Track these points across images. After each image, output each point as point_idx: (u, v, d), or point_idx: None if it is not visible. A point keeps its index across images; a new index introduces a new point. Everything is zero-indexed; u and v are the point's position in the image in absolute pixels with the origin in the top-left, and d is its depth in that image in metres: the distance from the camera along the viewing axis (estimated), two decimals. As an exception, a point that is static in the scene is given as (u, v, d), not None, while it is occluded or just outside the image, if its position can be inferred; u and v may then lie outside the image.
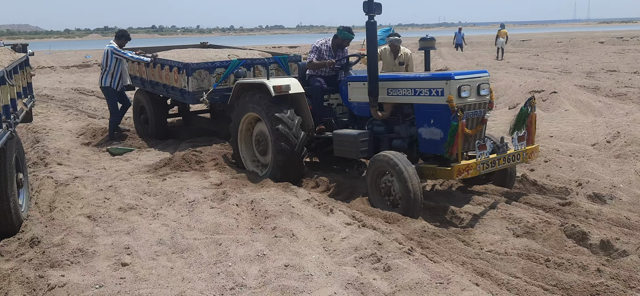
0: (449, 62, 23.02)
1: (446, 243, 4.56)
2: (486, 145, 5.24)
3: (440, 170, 5.29)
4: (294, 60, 8.82)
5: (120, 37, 9.40)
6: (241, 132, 7.03)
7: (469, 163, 5.11)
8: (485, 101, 5.52)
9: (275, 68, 8.52)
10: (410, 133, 5.86)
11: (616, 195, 5.69)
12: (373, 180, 5.47)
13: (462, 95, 5.25)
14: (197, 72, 8.05)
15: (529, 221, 4.94)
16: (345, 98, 6.61)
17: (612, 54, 25.01)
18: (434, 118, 5.45)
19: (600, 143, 7.91)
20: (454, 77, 5.27)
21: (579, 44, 34.32)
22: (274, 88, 6.31)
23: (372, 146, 6.07)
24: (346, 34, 6.86)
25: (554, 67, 19.56)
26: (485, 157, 5.21)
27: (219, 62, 8.32)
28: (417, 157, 5.80)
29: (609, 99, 11.82)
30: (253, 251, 4.27)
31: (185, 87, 8.14)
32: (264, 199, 5.50)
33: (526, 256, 4.25)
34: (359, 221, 4.93)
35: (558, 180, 6.32)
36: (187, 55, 9.00)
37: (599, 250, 4.37)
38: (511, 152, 5.48)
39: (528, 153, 5.61)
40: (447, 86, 5.26)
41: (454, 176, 5.10)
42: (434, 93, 5.40)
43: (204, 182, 6.48)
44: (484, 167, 5.20)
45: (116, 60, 9.15)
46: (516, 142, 5.53)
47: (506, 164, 5.47)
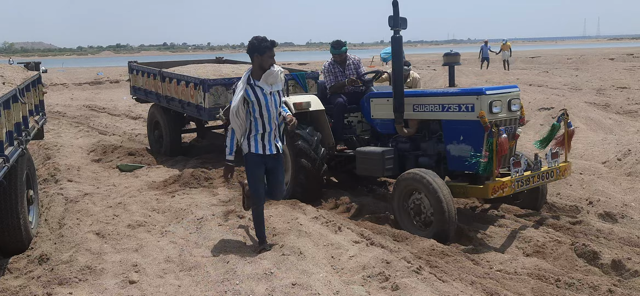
0: (458, 79, 22.97)
1: (455, 262, 4.52)
2: (521, 161, 5.08)
3: (472, 188, 5.15)
4: (312, 77, 8.76)
5: None
6: None
7: (504, 181, 4.93)
8: (516, 117, 5.37)
9: (292, 85, 8.47)
10: (437, 150, 5.71)
11: (627, 214, 5.62)
12: (400, 201, 5.31)
13: (493, 110, 5.11)
14: (214, 88, 8.00)
15: (539, 240, 4.89)
16: (367, 115, 6.48)
17: (622, 70, 24.85)
18: (464, 134, 5.30)
19: (611, 161, 7.85)
20: (486, 93, 5.15)
21: (589, 61, 34.16)
22: (294, 106, 6.24)
23: (397, 164, 5.92)
24: (337, 49, 6.83)
25: (564, 83, 19.47)
26: (520, 175, 5.04)
27: (236, 78, 8.22)
28: (444, 174, 5.64)
29: (620, 116, 11.72)
30: (260, 270, 4.25)
31: (201, 103, 8.09)
32: (272, 216, 5.49)
33: (536, 276, 4.20)
34: (367, 239, 4.91)
35: (568, 198, 6.27)
36: (203, 71, 8.93)
37: (611, 270, 4.32)
38: (545, 169, 5.32)
39: (562, 171, 5.44)
40: (478, 101, 5.13)
41: (489, 194, 4.91)
42: (464, 108, 5.26)
43: (212, 199, 6.50)
44: (519, 185, 5.03)
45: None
46: (550, 158, 5.38)
47: (540, 182, 5.30)
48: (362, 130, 6.84)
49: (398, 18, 5.48)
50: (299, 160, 6.18)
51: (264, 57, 4.59)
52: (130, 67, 10.51)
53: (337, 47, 6.87)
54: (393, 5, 5.43)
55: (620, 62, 31.85)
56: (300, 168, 6.19)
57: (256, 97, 4.59)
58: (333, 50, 6.89)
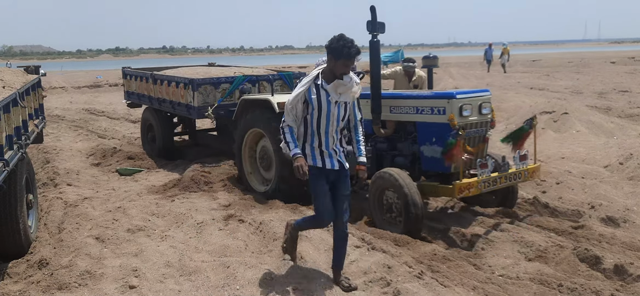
0: (458, 82, 22.99)
1: (457, 267, 4.49)
2: (487, 163, 5.27)
3: (442, 187, 5.34)
4: (299, 77, 8.91)
5: None
6: (245, 147, 7.09)
7: (470, 182, 5.15)
8: (486, 120, 5.58)
9: (280, 85, 8.67)
10: (412, 150, 5.92)
11: (630, 218, 5.60)
12: (375, 197, 5.51)
13: (463, 114, 5.32)
14: (202, 87, 8.24)
15: (541, 244, 4.86)
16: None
17: (623, 74, 24.85)
18: (436, 136, 5.50)
19: (612, 165, 7.82)
20: (456, 96, 5.33)
21: (590, 64, 34.17)
22: (278, 105, 6.39)
23: (375, 163, 6.11)
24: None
25: (565, 87, 19.46)
26: (486, 176, 5.23)
27: (224, 78, 8.53)
28: (419, 174, 5.83)
29: (622, 120, 11.70)
30: (261, 274, 4.23)
31: (191, 102, 8.32)
32: (273, 221, 5.46)
33: (538, 280, 4.18)
34: (368, 244, 4.88)
35: (570, 202, 6.24)
36: (194, 72, 9.28)
37: (613, 275, 4.29)
38: (513, 170, 5.49)
39: (530, 172, 5.61)
40: (449, 105, 5.32)
41: (456, 194, 5.14)
42: (436, 111, 5.46)
43: (212, 203, 6.47)
44: (485, 185, 5.24)
45: None
46: (518, 160, 5.54)
47: (508, 183, 5.49)
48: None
49: (376, 22, 5.61)
50: (281, 158, 6.25)
51: (338, 64, 3.86)
52: (124, 73, 10.84)
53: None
54: (371, 10, 5.57)
55: (622, 66, 31.83)
56: (283, 165, 6.28)
57: (318, 101, 3.91)
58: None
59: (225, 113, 8.15)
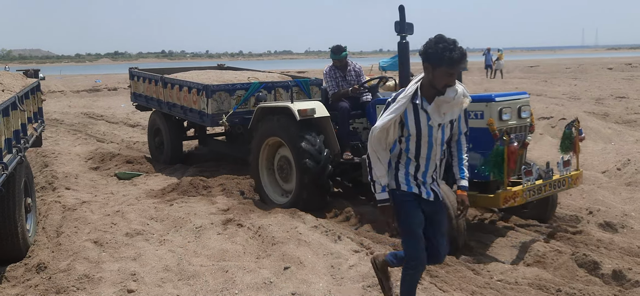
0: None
1: (455, 271, 4.49)
2: (532, 170, 4.95)
3: (483, 197, 4.98)
4: (316, 83, 8.73)
5: None
6: (262, 158, 6.81)
7: (515, 190, 4.79)
8: (526, 124, 5.27)
9: (296, 91, 8.42)
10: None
11: (628, 224, 5.61)
12: None
13: (503, 117, 5.01)
14: (217, 94, 7.96)
15: (539, 250, 4.87)
16: (373, 122, 6.25)
17: (621, 80, 24.94)
18: (472, 142, 5.02)
19: (610, 170, 7.84)
20: (495, 99, 5.04)
21: (588, 70, 34.27)
22: (299, 112, 6.19)
23: None
24: (337, 55, 6.79)
25: (563, 93, 19.51)
26: (531, 183, 4.91)
27: (239, 85, 8.22)
28: (452, 183, 5.62)
29: (619, 126, 11.73)
30: (260, 279, 4.23)
31: (204, 109, 8.04)
32: (271, 225, 5.47)
33: (537, 286, 4.18)
34: (367, 248, 4.89)
35: (569, 208, 6.25)
36: (206, 77, 8.89)
37: (611, 280, 4.29)
38: (557, 177, 5.18)
39: (573, 179, 5.31)
40: (488, 108, 5.02)
41: (500, 204, 4.77)
42: (473, 116, 5.11)
43: (211, 207, 6.46)
44: (531, 194, 4.89)
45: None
46: (562, 166, 5.24)
47: (552, 190, 5.16)
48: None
49: (404, 23, 5.40)
50: (303, 166, 6.09)
51: (438, 74, 3.07)
52: (131, 73, 10.44)
53: (337, 52, 6.83)
54: (399, 10, 5.36)
55: (619, 72, 31.95)
56: (306, 174, 6.09)
57: (417, 125, 3.16)
58: (333, 56, 6.86)
59: (240, 121, 7.90)
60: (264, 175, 6.85)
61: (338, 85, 6.87)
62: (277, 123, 6.48)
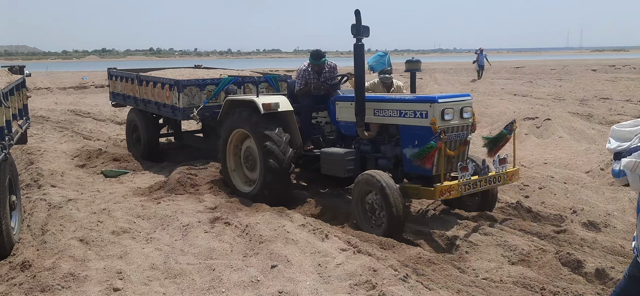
0: (444, 88, 23.20)
1: (441, 270, 4.53)
2: (468, 167, 5.38)
3: (423, 190, 5.42)
4: (284, 79, 8.97)
5: None
6: (229, 147, 7.13)
7: (451, 184, 5.23)
8: (467, 124, 5.68)
9: (265, 87, 8.72)
10: (395, 153, 6.00)
11: (611, 223, 5.69)
12: (358, 199, 5.57)
13: (445, 117, 5.40)
14: (188, 89, 8.26)
15: (524, 248, 4.93)
16: (333, 117, 6.75)
17: (604, 81, 25.24)
18: (418, 139, 5.59)
19: (594, 170, 7.95)
20: (438, 100, 5.43)
21: (572, 72, 34.61)
22: (263, 106, 6.46)
23: (358, 165, 6.17)
24: (316, 60, 6.96)
25: (548, 94, 19.71)
26: (467, 179, 5.30)
27: (209, 80, 8.55)
28: (402, 176, 5.92)
29: (603, 127, 11.89)
30: (247, 277, 4.23)
31: (176, 103, 8.33)
32: (259, 224, 5.47)
33: (522, 284, 4.23)
34: (354, 247, 4.91)
35: (553, 207, 6.33)
36: (179, 74, 9.28)
37: (595, 279, 4.36)
38: (492, 174, 5.60)
39: (509, 175, 5.72)
40: (431, 109, 5.42)
41: (436, 196, 5.22)
42: (419, 115, 5.56)
43: (198, 205, 6.45)
44: (466, 188, 5.32)
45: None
46: (497, 164, 5.65)
47: (487, 186, 5.59)
48: (330, 131, 7.09)
49: (361, 26, 5.69)
50: (266, 159, 6.36)
51: None
52: (110, 73, 10.84)
53: (317, 57, 7.00)
54: (355, 13, 5.66)
55: (603, 73, 32.34)
56: (268, 166, 6.36)
57: None
58: (313, 61, 7.03)
59: (210, 114, 8.18)
60: (231, 163, 7.18)
61: (307, 83, 7.03)
62: (243, 116, 6.76)
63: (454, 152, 5.56)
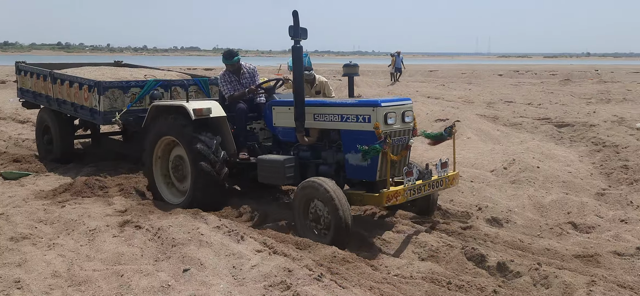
0: (363, 90, 23.67)
1: (355, 268, 4.62)
2: (413, 171, 5.31)
3: (369, 196, 5.28)
4: (215, 82, 8.62)
5: None
6: (156, 157, 6.71)
7: (397, 190, 5.13)
8: (409, 128, 5.62)
9: (194, 90, 8.33)
10: (337, 159, 5.81)
11: (512, 219, 6.08)
12: (301, 209, 5.37)
13: (388, 122, 5.32)
14: (110, 91, 7.70)
15: (433, 245, 5.13)
16: (269, 123, 6.46)
17: (509, 86, 26.93)
18: (360, 144, 5.41)
19: (497, 169, 8.43)
20: (381, 104, 5.33)
21: (481, 76, 36.65)
22: (194, 112, 6.12)
23: (298, 172, 5.97)
24: (228, 60, 6.82)
25: (459, 96, 20.72)
26: (412, 184, 5.26)
27: (134, 82, 8.02)
28: (343, 182, 5.77)
29: (506, 128, 12.66)
30: (157, 283, 4.09)
31: (96, 106, 7.75)
32: (172, 227, 5.31)
33: (430, 279, 4.41)
34: (270, 248, 4.89)
35: (460, 204, 6.65)
36: (100, 73, 8.60)
37: (496, 272, 4.62)
38: (435, 178, 5.57)
39: (450, 179, 5.73)
40: (374, 113, 5.31)
41: (383, 202, 5.08)
42: (361, 119, 5.42)
43: (107, 209, 6.17)
44: (411, 193, 5.25)
45: None
46: (440, 168, 5.63)
47: (430, 190, 5.55)
48: (265, 138, 6.82)
49: (298, 28, 5.54)
50: (198, 166, 6.06)
51: None
52: (18, 68, 9.84)
53: (228, 57, 6.85)
54: (293, 15, 5.50)
55: (508, 78, 34.48)
56: (200, 174, 6.07)
57: None
58: (225, 61, 6.87)
59: (134, 119, 7.66)
60: (158, 174, 6.75)
61: (234, 88, 6.87)
62: (171, 123, 6.38)
63: (396, 157, 5.48)
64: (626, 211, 6.52)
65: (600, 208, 6.60)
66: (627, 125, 12.33)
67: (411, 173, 5.28)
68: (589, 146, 10.50)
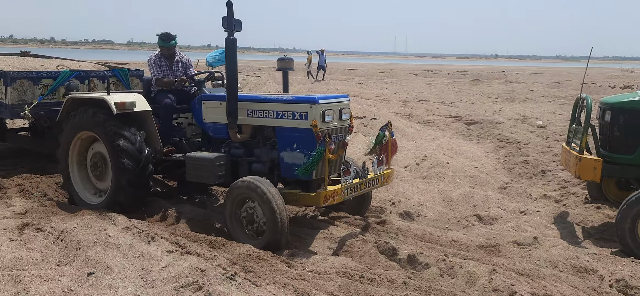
0: (281, 88, 23.70)
1: (270, 266, 4.61)
2: (350, 170, 5.22)
3: (305, 195, 5.16)
4: (136, 75, 8.22)
5: None
6: (72, 154, 6.25)
7: (335, 189, 5.05)
8: (346, 125, 5.54)
9: (113, 82, 7.85)
10: (271, 157, 5.64)
11: (422, 213, 6.31)
12: (233, 209, 5.16)
13: (325, 119, 5.21)
14: (18, 82, 7.12)
15: (347, 240, 5.21)
16: (198, 118, 6.17)
17: (424, 85, 28.02)
18: (297, 142, 5.31)
19: (410, 165, 8.74)
20: (319, 101, 5.20)
21: (398, 75, 37.85)
22: (116, 105, 5.75)
23: (229, 170, 5.73)
24: (165, 42, 6.54)
25: (376, 95, 21.25)
26: (350, 182, 5.18)
27: (46, 73, 7.43)
28: (278, 181, 5.60)
29: (420, 125, 13.16)
30: (59, 288, 3.86)
31: (2, 99, 7.15)
32: (77, 229, 5.04)
33: (343, 274, 4.48)
34: (183, 248, 4.77)
35: (375, 199, 6.81)
36: (6, 63, 7.89)
37: (406, 264, 4.78)
38: (372, 176, 5.53)
39: (386, 177, 5.74)
40: (312, 110, 5.18)
41: (320, 202, 4.98)
42: (298, 116, 5.27)
43: (5, 211, 5.75)
44: (349, 192, 5.17)
45: None
46: (376, 166, 5.60)
47: (367, 188, 5.51)
48: (193, 134, 6.54)
49: (232, 20, 5.35)
50: (120, 162, 5.70)
51: None
52: None
53: (166, 39, 6.53)
54: (227, 6, 5.30)
55: (423, 77, 35.85)
56: (123, 171, 5.71)
57: None
58: (161, 42, 6.53)
59: (46, 113, 7.15)
60: (74, 172, 6.30)
61: (164, 74, 6.57)
62: (90, 117, 5.96)
63: (334, 156, 5.26)
64: (525, 203, 6.99)
65: (502, 201, 7.02)
66: (529, 123, 13.21)
67: (349, 171, 5.20)
68: (495, 142, 11.14)
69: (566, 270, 4.72)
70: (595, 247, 5.47)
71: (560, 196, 7.19)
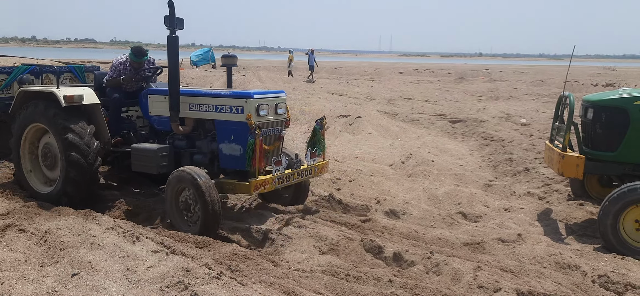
0: (267, 85, 23.63)
1: (256, 265, 4.60)
2: (281, 161, 5.56)
3: (239, 184, 5.44)
4: (91, 70, 8.25)
5: None
6: (24, 145, 6.43)
7: (265, 179, 5.36)
8: (282, 119, 5.89)
9: (69, 77, 7.88)
10: (211, 148, 5.99)
11: (408, 211, 6.35)
12: (172, 197, 5.45)
13: (260, 113, 5.53)
14: None
15: (333, 238, 5.23)
16: (145, 112, 6.48)
17: (408, 83, 28.14)
18: (234, 134, 5.64)
19: (396, 164, 8.78)
20: (253, 96, 5.53)
21: (383, 74, 37.94)
22: (64, 98, 5.91)
23: (173, 161, 6.03)
24: (138, 58, 6.66)
25: (361, 93, 21.31)
26: (280, 173, 5.49)
27: (0, 68, 7.44)
28: (218, 172, 5.93)
29: (405, 124, 13.21)
30: (43, 289, 3.82)
31: None
32: (60, 229, 4.98)
33: (329, 272, 4.49)
34: (168, 247, 4.74)
35: (360, 198, 6.84)
36: None
37: (392, 262, 4.81)
38: (304, 167, 5.85)
39: (319, 168, 6.06)
40: (247, 104, 5.50)
41: (252, 191, 5.30)
42: (235, 110, 5.59)
43: (-15, 212, 5.65)
44: (280, 182, 5.49)
45: None
46: (309, 157, 5.93)
47: (300, 179, 5.84)
48: (141, 126, 6.81)
49: (174, 18, 5.60)
50: (69, 154, 5.86)
51: None
52: None
53: (138, 55, 6.67)
54: (169, 5, 5.56)
55: (408, 76, 36.00)
56: (71, 162, 5.87)
57: None
58: (133, 57, 6.67)
59: (1, 107, 7.13)
60: (26, 163, 6.50)
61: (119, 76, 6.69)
62: (41, 110, 6.14)
63: (269, 147, 5.69)
64: (510, 200, 7.06)
65: (487, 198, 7.08)
66: (513, 121, 13.35)
67: (280, 162, 5.57)
68: (479, 140, 11.24)
69: (550, 266, 4.78)
70: (578, 243, 5.55)
71: (544, 193, 7.28)
